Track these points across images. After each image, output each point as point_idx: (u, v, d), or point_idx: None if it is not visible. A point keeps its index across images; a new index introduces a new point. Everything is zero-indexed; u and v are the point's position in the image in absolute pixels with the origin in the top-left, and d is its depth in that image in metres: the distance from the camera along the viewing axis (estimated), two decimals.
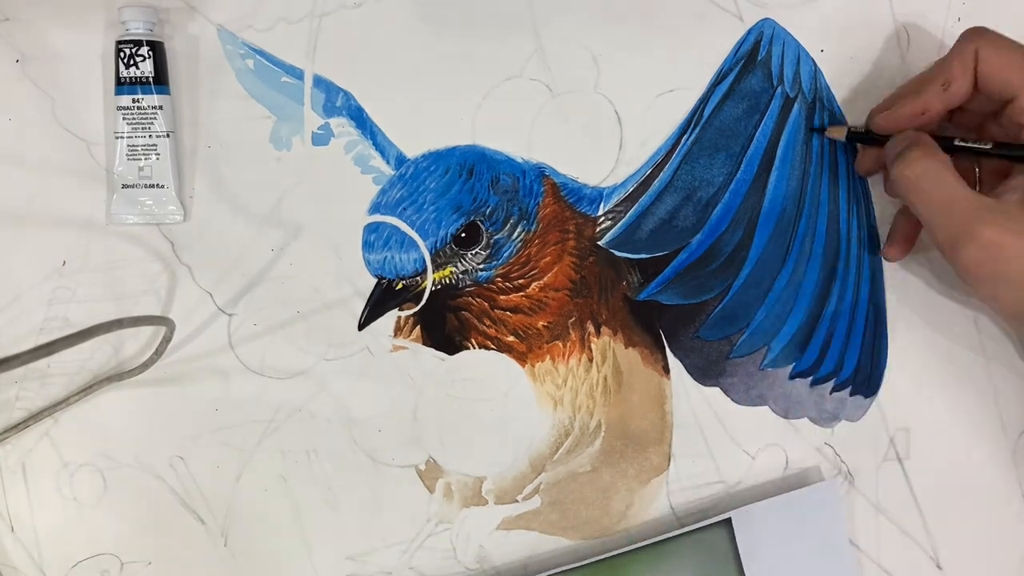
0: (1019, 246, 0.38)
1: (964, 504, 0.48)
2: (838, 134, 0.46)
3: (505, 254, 0.47)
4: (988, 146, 0.41)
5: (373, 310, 0.47)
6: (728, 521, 0.45)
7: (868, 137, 0.45)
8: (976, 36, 0.41)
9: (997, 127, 0.43)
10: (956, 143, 0.42)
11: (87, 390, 0.46)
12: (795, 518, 0.46)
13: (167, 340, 0.45)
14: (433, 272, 0.46)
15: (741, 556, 0.45)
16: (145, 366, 0.46)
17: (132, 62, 0.44)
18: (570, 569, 0.46)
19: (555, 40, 0.47)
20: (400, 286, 0.47)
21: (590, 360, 0.47)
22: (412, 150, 0.47)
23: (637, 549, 0.45)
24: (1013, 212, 0.39)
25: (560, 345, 0.47)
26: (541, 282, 0.47)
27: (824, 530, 0.46)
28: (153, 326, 0.46)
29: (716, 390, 0.47)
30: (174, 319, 0.44)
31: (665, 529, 0.47)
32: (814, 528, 0.46)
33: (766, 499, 0.46)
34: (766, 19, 0.47)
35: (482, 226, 0.46)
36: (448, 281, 0.47)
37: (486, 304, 0.47)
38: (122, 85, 0.45)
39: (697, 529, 0.45)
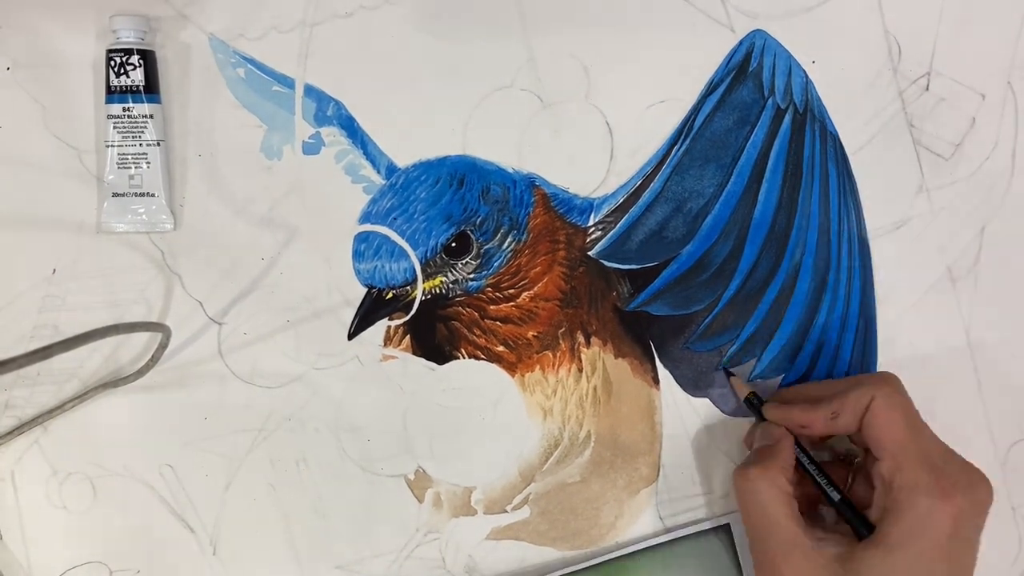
0: None
1: None
2: (740, 391, 0.46)
3: (495, 264, 0.47)
4: (836, 498, 0.42)
5: (363, 319, 0.47)
6: (727, 527, 0.46)
7: (759, 412, 0.45)
8: (879, 385, 0.41)
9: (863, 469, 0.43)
10: (809, 468, 0.43)
11: (81, 397, 0.46)
12: None
13: (163, 346, 0.45)
14: (423, 282, 0.46)
15: (741, 562, 0.46)
16: (140, 373, 0.46)
17: (123, 71, 0.44)
18: (569, 573, 0.46)
19: (546, 50, 0.47)
20: (390, 295, 0.47)
21: (580, 370, 0.47)
22: (403, 160, 0.47)
23: (636, 552, 0.45)
24: (816, 564, 0.39)
25: (550, 355, 0.47)
26: (531, 292, 0.47)
27: None
28: (146, 333, 0.46)
29: (705, 401, 0.47)
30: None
31: (655, 540, 0.47)
32: None
33: None
34: (757, 30, 0.47)
35: (472, 236, 0.46)
36: (438, 291, 0.47)
37: (476, 314, 0.47)
38: (113, 94, 0.45)
39: (696, 534, 0.46)
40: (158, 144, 0.45)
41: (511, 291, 0.47)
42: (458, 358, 0.47)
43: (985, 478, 0.40)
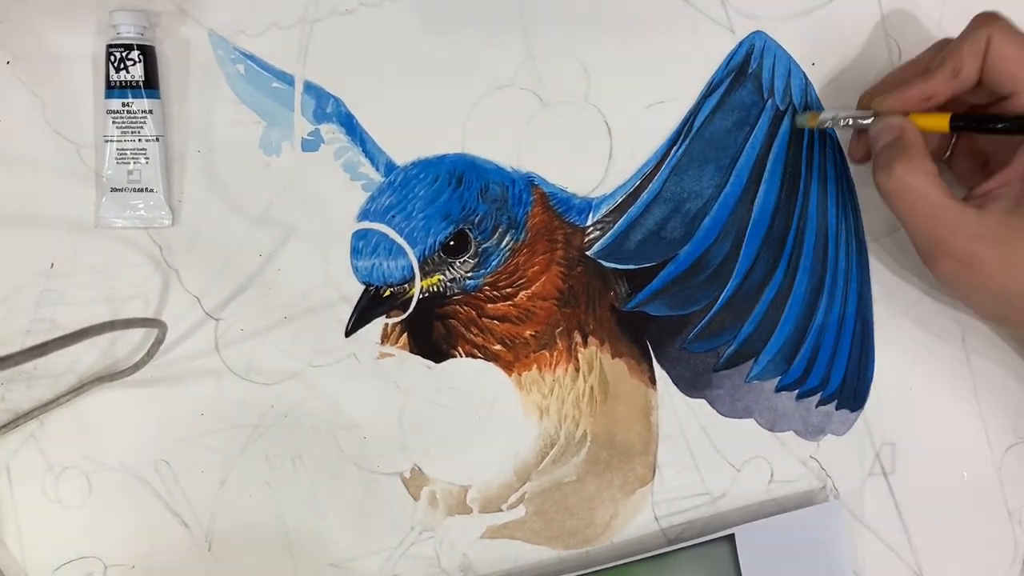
0: (992, 258, 0.39)
1: (949, 519, 0.48)
2: (809, 122, 0.44)
3: (493, 263, 0.47)
4: (1009, 125, 0.40)
5: (360, 317, 0.47)
6: (731, 537, 0.45)
7: (847, 124, 0.43)
8: (990, 22, 0.40)
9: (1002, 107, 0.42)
10: (955, 123, 0.41)
11: (77, 391, 0.46)
12: (799, 537, 0.45)
13: (159, 342, 0.45)
14: (421, 280, 0.46)
15: (743, 572, 0.45)
16: (136, 367, 0.46)
17: (122, 66, 0.44)
18: None
19: (546, 50, 0.47)
20: (388, 293, 0.47)
21: (576, 370, 0.47)
22: (402, 157, 0.47)
23: (637, 562, 0.45)
24: (990, 224, 0.39)
25: (547, 354, 0.47)
26: (529, 291, 0.47)
27: (827, 550, 0.45)
28: (143, 328, 0.46)
29: (702, 402, 0.47)
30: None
31: (650, 540, 0.47)
32: (817, 548, 0.45)
33: (770, 516, 0.46)
34: (757, 32, 0.47)
35: (471, 234, 0.46)
36: (436, 289, 0.47)
37: (473, 312, 0.47)
38: (112, 89, 0.45)
39: (699, 544, 0.45)
40: (157, 140, 0.45)
41: (509, 290, 0.47)
42: (455, 356, 0.47)
43: None
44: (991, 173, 0.41)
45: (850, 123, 0.43)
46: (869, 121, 0.43)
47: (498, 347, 0.47)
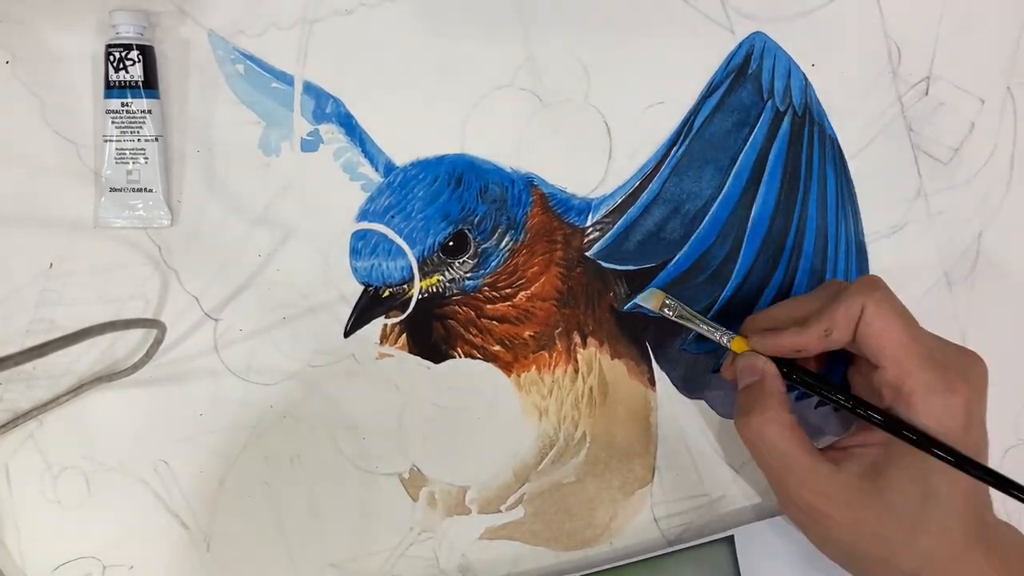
0: (844, 519, 0.39)
1: None
2: (653, 303, 0.45)
3: (493, 263, 0.47)
4: (848, 403, 0.41)
5: (359, 317, 0.47)
6: (730, 539, 0.45)
7: (698, 328, 0.44)
8: (868, 291, 0.40)
9: (861, 382, 0.43)
10: (813, 391, 0.42)
11: (76, 391, 0.46)
12: (798, 539, 0.45)
13: (158, 342, 0.45)
14: (420, 280, 0.46)
15: (742, 575, 0.45)
16: (135, 367, 0.46)
17: (122, 66, 0.44)
18: None
19: (546, 50, 0.47)
20: (387, 294, 0.47)
21: (576, 371, 0.47)
22: (401, 158, 0.47)
23: (636, 563, 0.45)
24: (842, 484, 0.40)
25: (546, 355, 0.47)
26: (528, 292, 0.47)
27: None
28: (142, 329, 0.46)
29: (701, 403, 0.47)
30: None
31: (649, 541, 0.47)
32: (816, 550, 0.45)
33: (769, 518, 0.46)
34: (757, 32, 0.47)
35: (470, 235, 0.46)
36: (435, 290, 0.47)
37: (472, 313, 0.47)
38: (111, 89, 0.45)
39: (698, 545, 0.45)
40: (156, 140, 0.45)
41: (508, 291, 0.47)
42: (454, 357, 0.47)
43: (977, 356, 0.41)
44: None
45: (699, 326, 0.44)
46: (724, 340, 0.43)
47: (497, 348, 0.47)
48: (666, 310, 0.45)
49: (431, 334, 0.47)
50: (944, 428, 0.38)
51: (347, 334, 0.47)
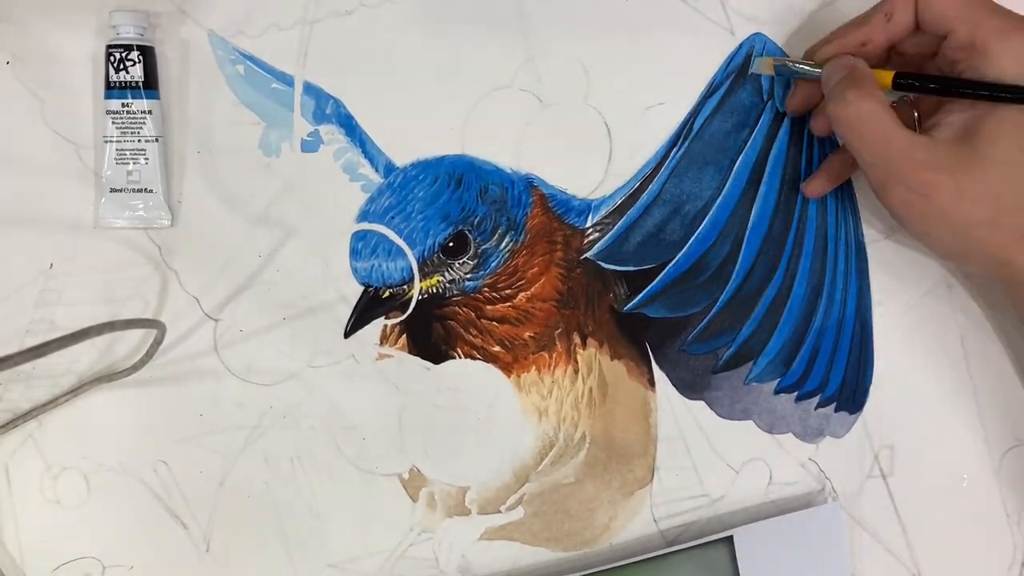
0: (947, 184, 0.39)
1: (948, 522, 0.48)
2: (765, 68, 0.44)
3: (492, 264, 0.47)
4: (945, 85, 0.40)
5: (359, 318, 0.47)
6: (729, 539, 0.45)
7: (800, 71, 0.43)
8: None
9: (934, 69, 0.43)
10: (898, 80, 0.41)
11: (75, 391, 0.46)
12: (797, 539, 0.45)
13: (158, 343, 0.45)
14: (420, 281, 0.46)
15: (741, 574, 0.45)
16: (135, 368, 0.46)
17: (122, 66, 0.44)
18: None
19: (546, 51, 0.47)
20: (387, 294, 0.47)
21: (576, 371, 0.47)
22: (401, 158, 0.47)
23: (635, 564, 0.45)
24: (942, 150, 0.39)
25: (546, 356, 0.47)
26: (528, 293, 0.47)
27: (826, 552, 0.45)
28: (142, 329, 0.46)
29: (701, 403, 0.47)
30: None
31: (648, 542, 0.47)
32: (816, 550, 0.45)
33: (769, 518, 0.46)
34: (757, 33, 0.47)
35: (470, 236, 0.46)
36: (435, 290, 0.47)
37: (472, 314, 0.47)
38: (112, 89, 0.45)
39: (697, 546, 0.45)
40: (156, 140, 0.45)
41: (508, 291, 0.47)
42: (454, 358, 0.47)
43: None
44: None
45: (804, 70, 0.43)
46: (819, 71, 0.43)
47: (497, 348, 0.47)
48: (776, 68, 0.44)
49: (431, 335, 0.47)
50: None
51: (347, 335, 0.47)
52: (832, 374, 0.47)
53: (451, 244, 0.46)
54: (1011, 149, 0.39)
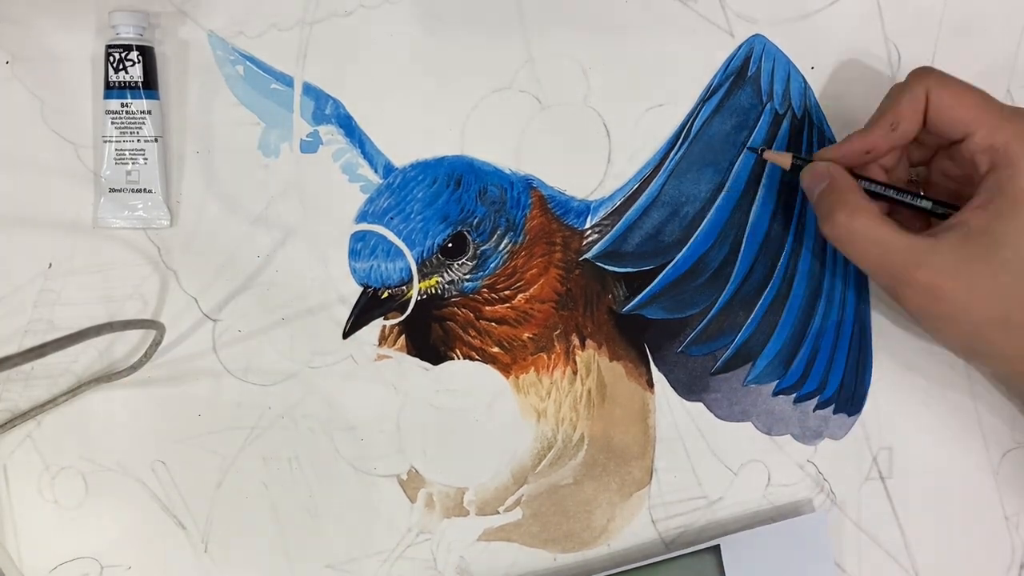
0: (954, 287, 0.39)
1: (946, 524, 0.48)
2: (781, 161, 0.44)
3: (491, 265, 0.47)
4: (927, 205, 0.41)
5: (358, 319, 0.47)
6: (716, 548, 0.45)
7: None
8: (926, 76, 0.40)
9: (949, 161, 0.43)
10: (892, 195, 0.42)
11: (74, 391, 0.46)
12: (783, 548, 0.45)
13: (157, 343, 0.45)
14: (419, 282, 0.46)
15: None
16: (133, 368, 0.46)
17: (121, 66, 0.44)
18: None
19: (546, 52, 0.47)
20: (386, 295, 0.47)
21: (574, 373, 0.47)
22: (400, 159, 0.47)
23: (625, 572, 0.45)
24: (946, 252, 0.39)
25: (545, 357, 0.47)
26: (527, 294, 0.47)
27: (812, 561, 0.45)
28: (141, 329, 0.46)
29: (700, 405, 0.47)
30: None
31: (646, 544, 0.47)
32: (801, 558, 0.45)
33: (754, 527, 0.46)
34: (756, 35, 0.47)
35: (469, 237, 0.46)
36: (434, 291, 0.47)
37: (471, 315, 0.47)
38: (111, 89, 0.45)
39: (685, 555, 0.45)
40: (156, 140, 0.45)
41: (507, 292, 0.47)
42: (453, 359, 0.47)
43: None
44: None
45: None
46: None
47: (496, 349, 0.47)
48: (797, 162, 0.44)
49: (430, 335, 0.47)
50: None
51: (346, 335, 0.47)
52: (831, 376, 0.47)
53: (450, 245, 0.46)
54: (1022, 249, 0.38)
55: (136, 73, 0.45)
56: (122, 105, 0.45)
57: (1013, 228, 0.38)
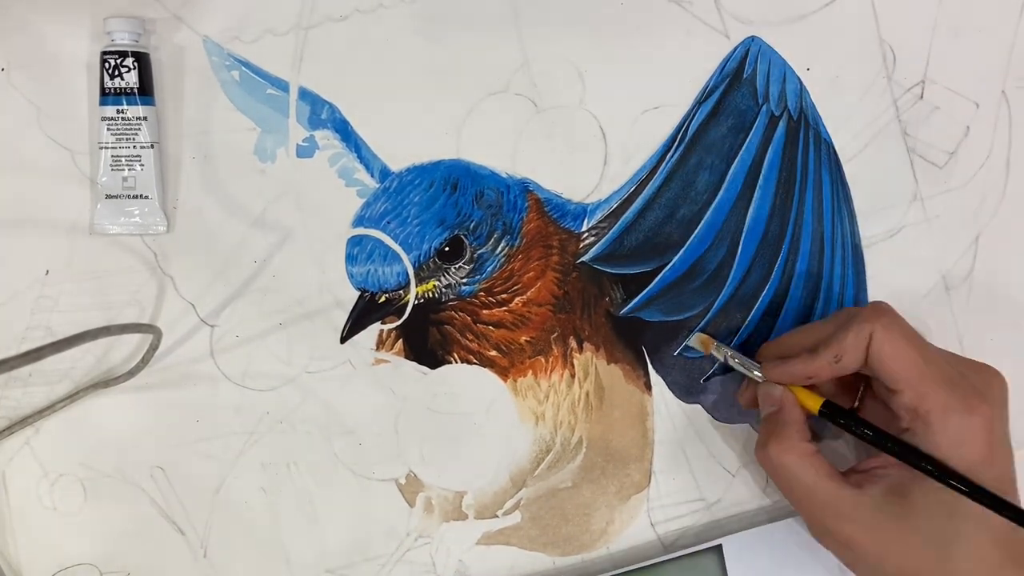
0: (870, 542, 0.39)
1: None
2: (701, 346, 0.46)
3: (488, 269, 0.47)
4: (868, 433, 0.41)
5: (356, 323, 0.47)
6: (719, 547, 0.45)
7: (738, 367, 0.44)
8: (876, 318, 0.40)
9: (884, 390, 0.42)
10: (824, 410, 0.42)
11: (72, 397, 0.46)
12: (786, 546, 0.45)
13: (154, 348, 0.45)
14: (416, 286, 0.46)
15: None
16: (131, 374, 0.46)
17: (117, 73, 0.44)
18: None
19: (541, 55, 0.47)
20: (383, 299, 0.47)
21: (572, 376, 0.47)
22: (397, 163, 0.47)
23: (626, 573, 0.45)
24: (868, 505, 0.40)
25: (542, 360, 0.47)
26: (524, 297, 0.47)
27: (814, 561, 0.45)
28: (138, 334, 0.46)
29: (698, 407, 0.47)
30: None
31: (646, 546, 0.47)
32: (804, 558, 0.45)
33: (756, 527, 0.46)
34: (752, 37, 0.47)
35: (466, 240, 0.46)
36: (431, 295, 0.47)
37: (469, 318, 0.47)
38: (107, 95, 0.45)
39: (687, 555, 0.45)
40: (152, 146, 0.45)
41: (504, 296, 0.47)
42: (450, 362, 0.47)
43: (994, 371, 0.41)
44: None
45: (740, 366, 0.44)
46: (757, 374, 0.44)
47: (493, 353, 0.47)
48: (715, 352, 0.45)
49: (427, 339, 0.47)
50: (964, 449, 0.38)
51: (343, 340, 0.47)
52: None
53: (447, 249, 0.46)
54: (934, 518, 0.39)
55: (132, 79, 0.45)
56: (118, 111, 0.45)
57: (927, 495, 0.39)
